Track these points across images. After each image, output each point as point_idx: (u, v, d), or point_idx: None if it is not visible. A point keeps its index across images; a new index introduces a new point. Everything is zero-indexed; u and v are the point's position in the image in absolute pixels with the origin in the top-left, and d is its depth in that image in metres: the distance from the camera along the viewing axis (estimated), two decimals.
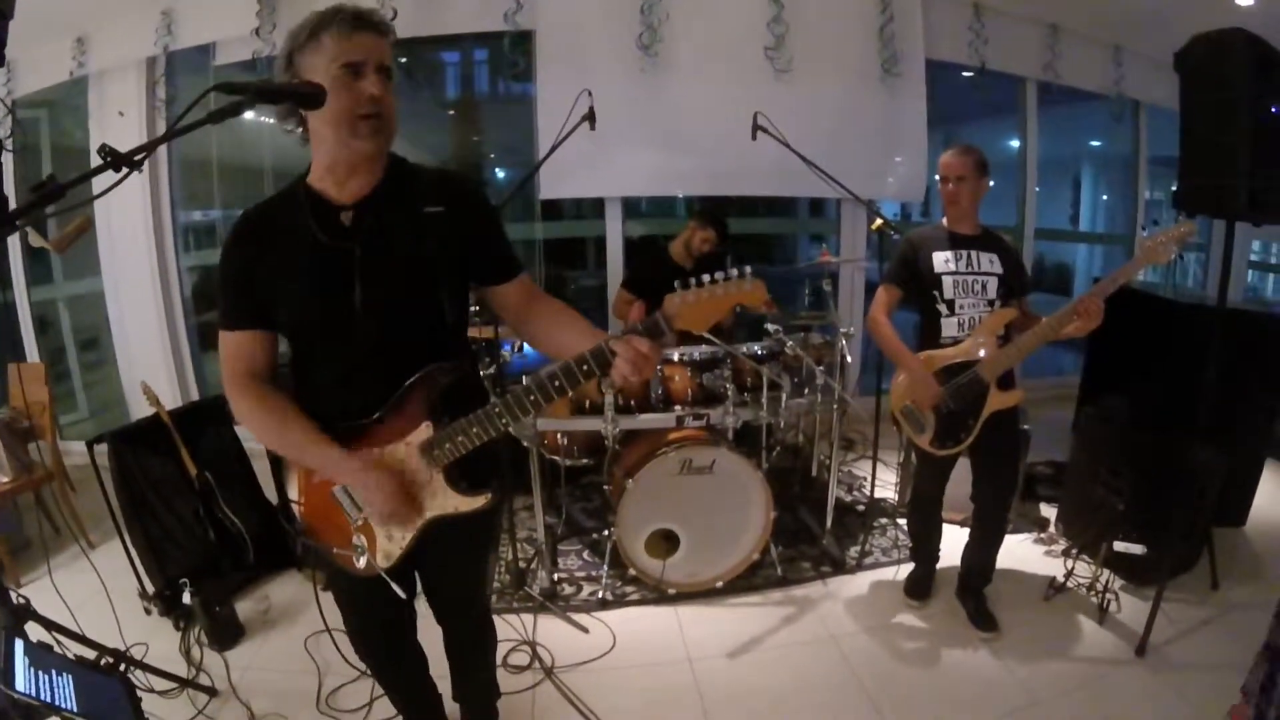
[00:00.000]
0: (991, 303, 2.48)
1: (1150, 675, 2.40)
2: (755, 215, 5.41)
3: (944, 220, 2.58)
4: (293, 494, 1.56)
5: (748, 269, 1.23)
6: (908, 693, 2.37)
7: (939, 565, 2.89)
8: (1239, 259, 5.73)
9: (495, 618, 2.63)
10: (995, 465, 2.60)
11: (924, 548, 2.85)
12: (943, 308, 2.49)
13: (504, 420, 1.38)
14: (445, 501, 1.46)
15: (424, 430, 1.42)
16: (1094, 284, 2.28)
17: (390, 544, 1.50)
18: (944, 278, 2.48)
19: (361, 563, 1.50)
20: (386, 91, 1.33)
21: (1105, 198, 6.90)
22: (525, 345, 3.25)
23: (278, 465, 1.59)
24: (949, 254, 2.50)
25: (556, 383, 1.32)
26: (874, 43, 4.43)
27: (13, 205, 1.40)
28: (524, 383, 1.35)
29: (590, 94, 2.90)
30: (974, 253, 2.50)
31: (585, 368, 1.29)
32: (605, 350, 1.27)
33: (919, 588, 2.86)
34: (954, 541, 2.85)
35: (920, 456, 2.69)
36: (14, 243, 4.58)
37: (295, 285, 1.39)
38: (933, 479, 2.71)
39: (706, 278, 1.24)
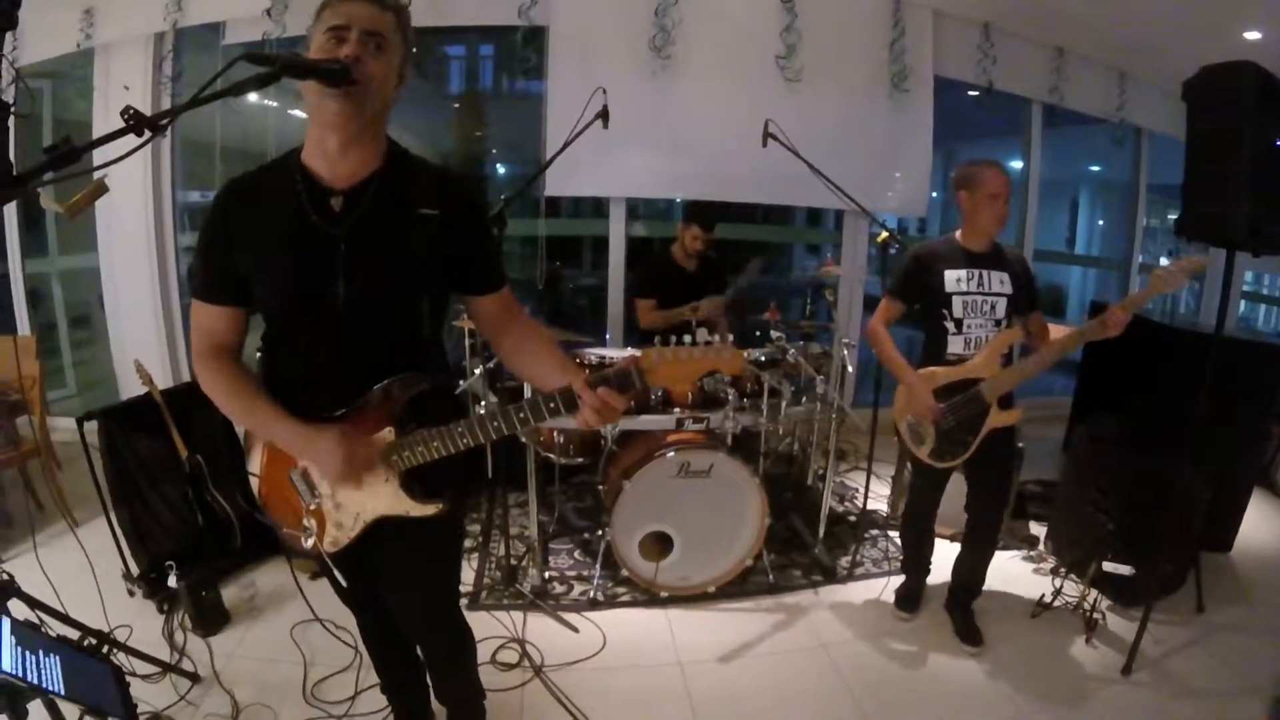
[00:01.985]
0: (999, 322, 2.49)
1: (1135, 695, 2.42)
2: (753, 223, 5.41)
3: (958, 235, 2.56)
4: (254, 468, 1.55)
5: (730, 338, 1.28)
6: (895, 702, 2.38)
7: (929, 579, 2.89)
8: (1234, 288, 5.79)
9: (485, 614, 2.67)
10: (990, 480, 2.62)
11: (916, 559, 2.85)
12: (950, 325, 2.49)
13: (464, 440, 1.38)
14: (396, 504, 1.45)
15: (387, 434, 1.42)
16: (1091, 307, 2.32)
17: (339, 531, 1.50)
18: (954, 297, 2.47)
19: (308, 544, 1.51)
20: (369, 57, 1.29)
21: (1102, 222, 6.95)
22: None
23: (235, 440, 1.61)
24: (962, 273, 2.48)
25: (521, 415, 1.33)
26: (884, 57, 4.46)
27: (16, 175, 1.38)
28: (490, 409, 1.36)
29: (605, 92, 2.89)
30: (986, 272, 2.49)
31: (552, 406, 1.32)
32: (574, 395, 1.29)
33: (909, 600, 2.86)
34: (944, 556, 2.85)
35: (917, 469, 2.70)
36: (9, 214, 4.53)
37: (276, 260, 1.36)
38: (928, 491, 2.72)
39: (689, 338, 1.28)
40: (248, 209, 1.38)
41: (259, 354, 1.51)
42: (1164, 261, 2.32)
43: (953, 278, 2.48)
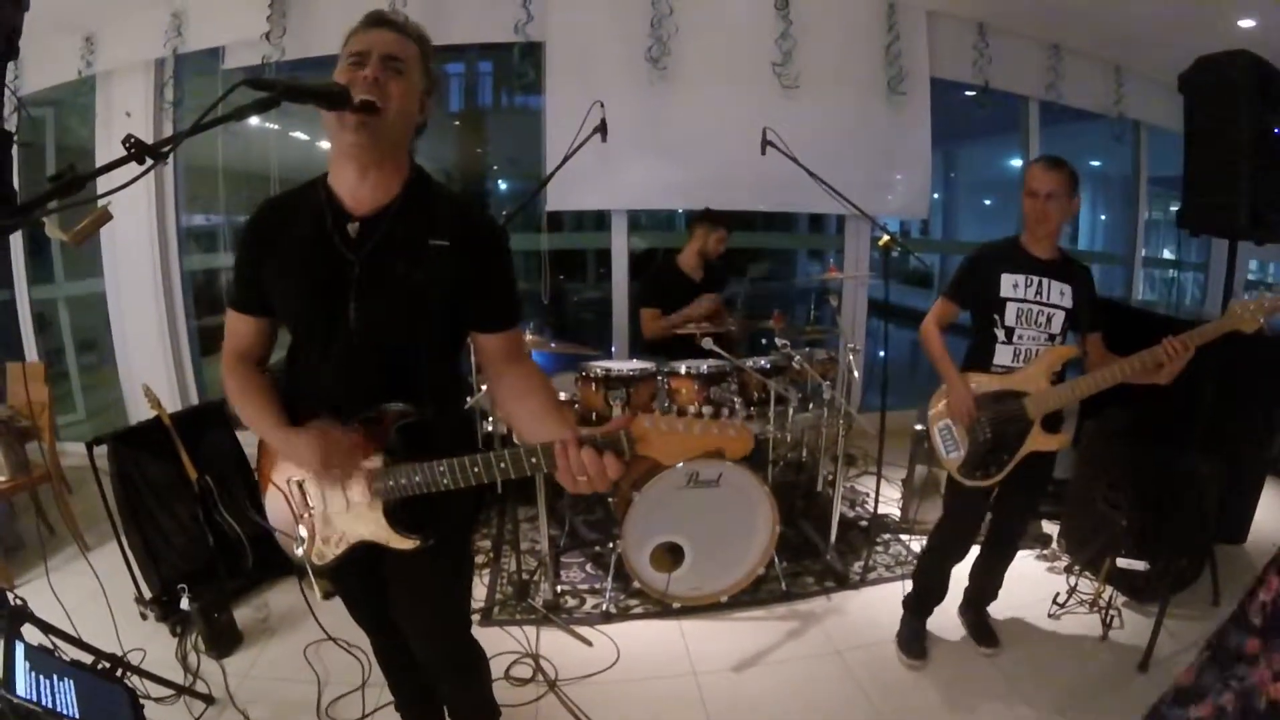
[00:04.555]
0: (1053, 337, 2.31)
1: (1153, 691, 2.36)
2: (755, 230, 5.42)
3: (1021, 238, 2.37)
4: (279, 478, 1.55)
5: (739, 418, 1.18)
6: (911, 707, 2.36)
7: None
8: (1238, 277, 5.78)
9: (498, 630, 2.67)
10: (1019, 503, 2.50)
11: (923, 601, 2.66)
12: (1000, 333, 2.32)
13: (445, 481, 1.36)
14: (378, 530, 1.45)
15: (375, 460, 1.41)
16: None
17: (325, 547, 1.51)
18: (1008, 303, 2.30)
19: (299, 551, 1.53)
20: (390, 80, 1.30)
21: (1104, 217, 6.95)
22: (530, 354, 3.23)
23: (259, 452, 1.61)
24: (1019, 278, 2.30)
25: (503, 465, 1.29)
26: (880, 60, 4.48)
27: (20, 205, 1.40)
28: (471, 456, 1.32)
29: (603, 105, 2.90)
30: (1047, 281, 2.30)
31: (533, 461, 1.26)
32: (555, 454, 1.23)
33: (915, 643, 2.62)
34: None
35: (950, 500, 2.55)
36: (15, 241, 4.56)
37: (294, 279, 1.39)
38: (958, 534, 2.52)
39: (692, 408, 1.17)
40: (277, 227, 1.42)
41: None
42: (1244, 297, 2.20)
43: (1009, 282, 2.31)
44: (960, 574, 2.71)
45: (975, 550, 2.68)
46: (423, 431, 1.42)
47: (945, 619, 2.80)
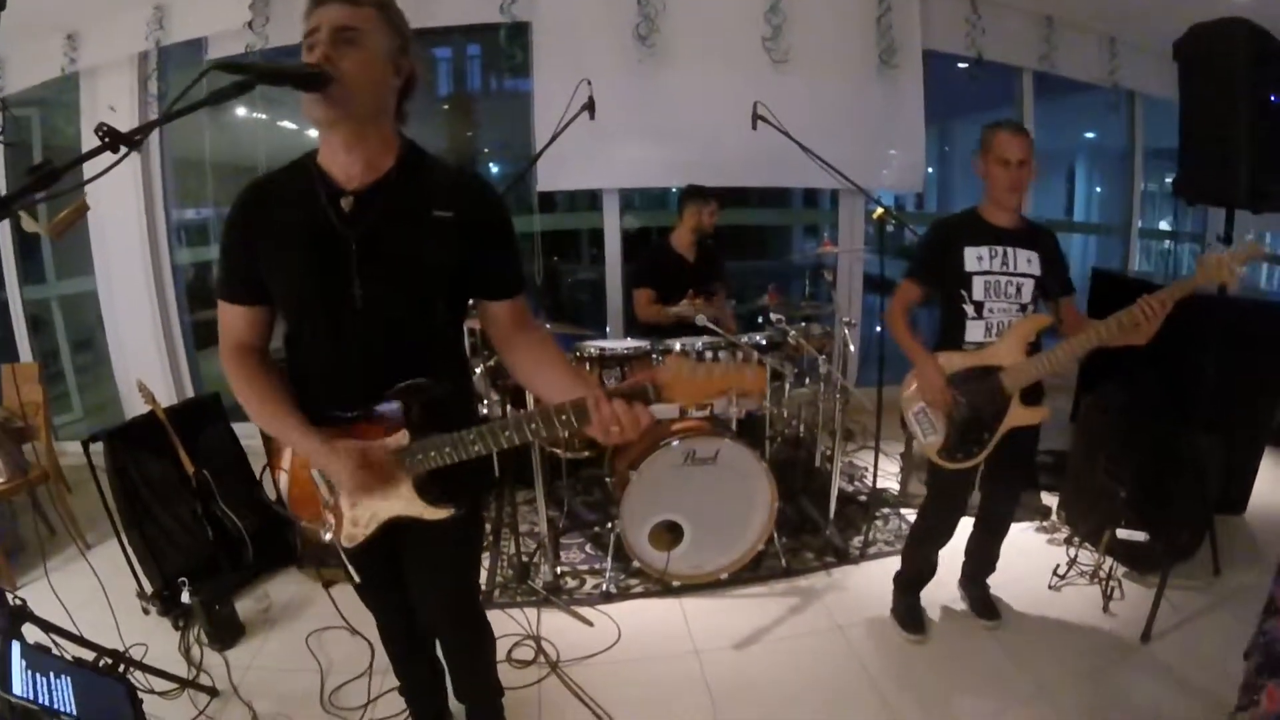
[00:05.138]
0: (1024, 307, 2.26)
1: (1156, 661, 2.40)
2: (749, 206, 5.39)
3: (980, 208, 2.32)
4: (285, 465, 1.56)
5: (755, 355, 1.24)
6: (913, 681, 2.37)
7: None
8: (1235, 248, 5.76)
9: (499, 613, 2.68)
10: (1006, 470, 2.44)
11: (912, 582, 2.65)
12: (969, 309, 2.26)
13: (476, 448, 1.37)
14: (410, 506, 1.46)
15: (401, 437, 1.41)
16: (1093, 274, 2.23)
17: (355, 529, 1.51)
18: (974, 277, 2.24)
19: (326, 537, 1.53)
20: (341, 53, 1.26)
21: (1100, 189, 6.91)
22: None
23: (267, 439, 1.60)
24: (982, 250, 2.24)
25: (533, 425, 1.32)
26: (871, 33, 4.43)
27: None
28: (505, 417, 1.34)
29: (590, 84, 2.88)
30: (1011, 250, 2.25)
31: (564, 418, 1.28)
32: (585, 408, 1.26)
33: (913, 618, 2.61)
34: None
35: (933, 482, 2.52)
36: (6, 243, 4.55)
37: (291, 260, 1.37)
38: (943, 514, 2.49)
39: (710, 355, 1.24)
40: (266, 209, 1.39)
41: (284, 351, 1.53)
42: (1215, 249, 2.10)
43: (973, 255, 2.24)
44: (956, 547, 2.71)
45: (970, 526, 2.68)
46: (442, 404, 1.42)
47: (945, 592, 2.80)
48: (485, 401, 3.10)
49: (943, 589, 2.82)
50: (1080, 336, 2.16)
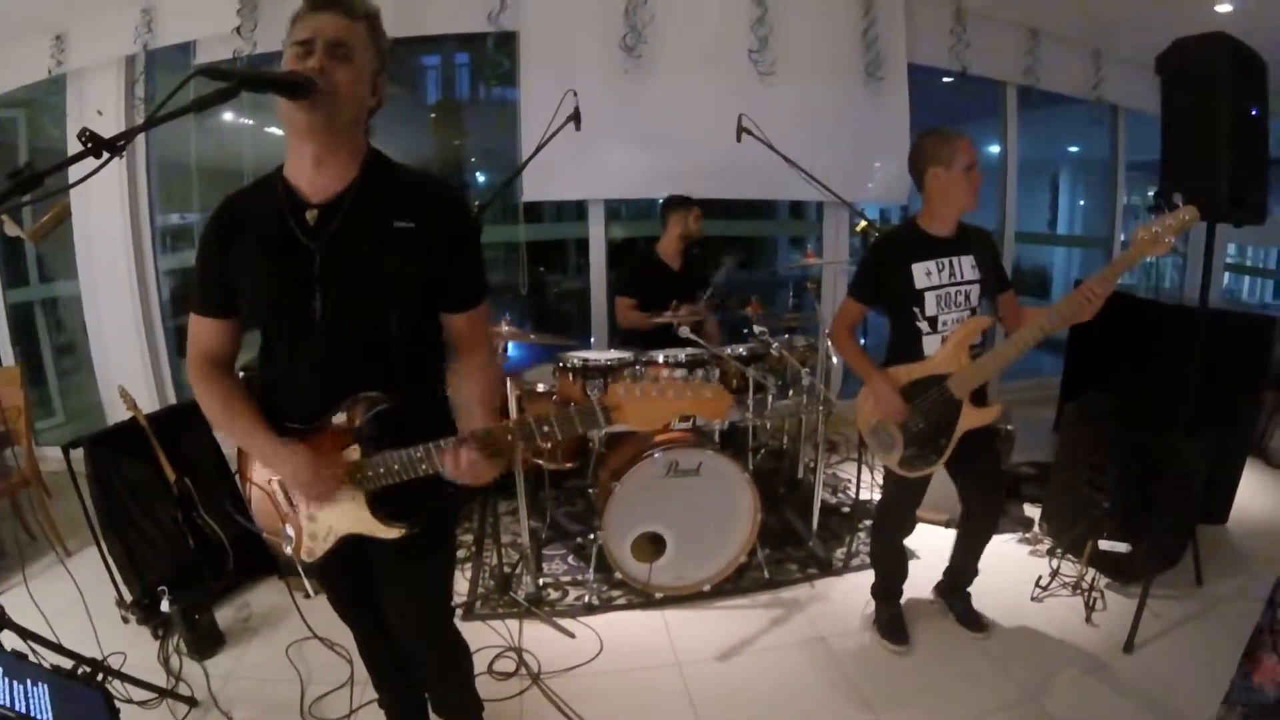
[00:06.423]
0: (974, 310, 2.28)
1: (1139, 671, 2.41)
2: (735, 218, 5.41)
3: (919, 220, 2.32)
4: (259, 478, 1.55)
5: (715, 373, 1.21)
6: (897, 691, 2.37)
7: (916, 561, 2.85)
8: (1216, 260, 5.83)
9: (480, 624, 2.66)
10: (977, 475, 2.48)
11: (887, 581, 2.66)
12: (924, 325, 2.27)
13: (424, 467, 1.37)
14: (362, 523, 1.45)
15: (352, 453, 1.41)
16: (1075, 285, 2.22)
17: (313, 543, 1.52)
18: (926, 294, 2.24)
19: (288, 550, 1.54)
20: (335, 67, 1.29)
21: (1083, 201, 6.98)
22: (509, 345, 3.22)
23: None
24: (930, 265, 2.24)
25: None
26: (857, 46, 4.46)
27: None
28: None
29: (575, 94, 2.88)
30: (954, 259, 2.27)
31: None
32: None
33: (895, 627, 2.60)
34: (935, 543, 2.83)
35: (889, 476, 2.52)
36: None
37: (258, 272, 1.38)
38: (901, 496, 2.51)
39: (665, 373, 1.21)
40: (239, 222, 1.41)
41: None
42: (1139, 223, 2.06)
43: (921, 271, 2.24)
44: (937, 556, 2.72)
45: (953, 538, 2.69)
46: (399, 418, 1.41)
47: (928, 603, 2.81)
48: None
49: (926, 600, 2.83)
50: (1024, 332, 2.18)
